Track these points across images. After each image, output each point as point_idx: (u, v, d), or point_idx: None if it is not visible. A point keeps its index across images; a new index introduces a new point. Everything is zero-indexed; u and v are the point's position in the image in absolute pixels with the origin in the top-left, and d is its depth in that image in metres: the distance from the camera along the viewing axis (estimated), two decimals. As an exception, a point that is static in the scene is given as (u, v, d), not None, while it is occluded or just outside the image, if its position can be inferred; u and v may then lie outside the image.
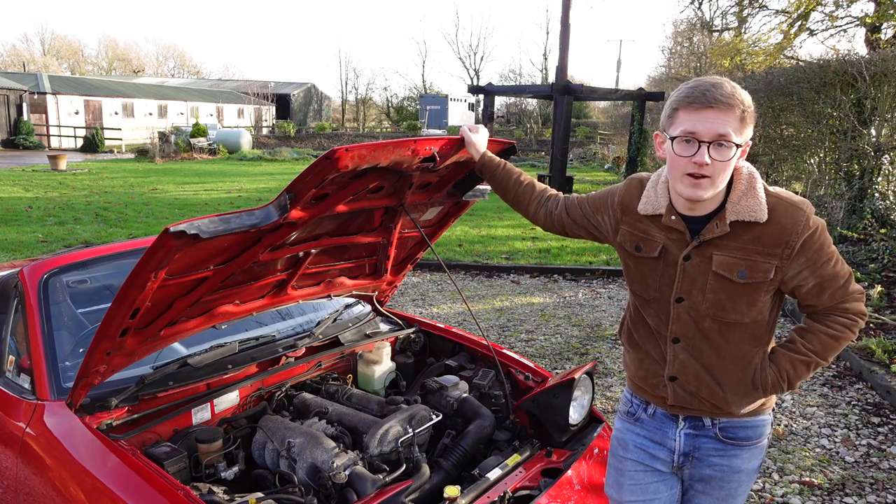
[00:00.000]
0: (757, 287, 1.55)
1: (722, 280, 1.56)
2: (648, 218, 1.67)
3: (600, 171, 21.67)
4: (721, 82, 1.47)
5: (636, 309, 1.76)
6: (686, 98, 1.48)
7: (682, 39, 35.03)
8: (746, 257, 1.54)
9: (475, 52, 65.30)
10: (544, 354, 5.10)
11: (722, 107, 1.44)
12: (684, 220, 1.59)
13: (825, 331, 1.59)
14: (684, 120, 1.48)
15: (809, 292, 1.56)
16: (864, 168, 7.49)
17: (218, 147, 26.04)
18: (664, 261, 1.64)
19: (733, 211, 1.53)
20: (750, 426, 1.69)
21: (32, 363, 2.23)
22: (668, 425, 1.74)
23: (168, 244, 1.61)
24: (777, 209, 1.52)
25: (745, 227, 1.54)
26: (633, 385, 1.81)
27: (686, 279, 1.61)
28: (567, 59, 13.60)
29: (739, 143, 1.47)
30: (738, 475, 1.71)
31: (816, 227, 1.52)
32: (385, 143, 1.81)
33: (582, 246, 8.95)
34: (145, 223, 10.46)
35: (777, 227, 1.52)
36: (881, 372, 4.47)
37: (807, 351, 1.60)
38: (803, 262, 1.53)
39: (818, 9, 15.92)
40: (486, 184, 2.42)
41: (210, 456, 2.06)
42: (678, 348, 1.66)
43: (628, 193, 1.74)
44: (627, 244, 1.72)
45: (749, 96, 1.49)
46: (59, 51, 65.34)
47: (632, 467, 1.79)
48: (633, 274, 1.72)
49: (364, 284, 2.78)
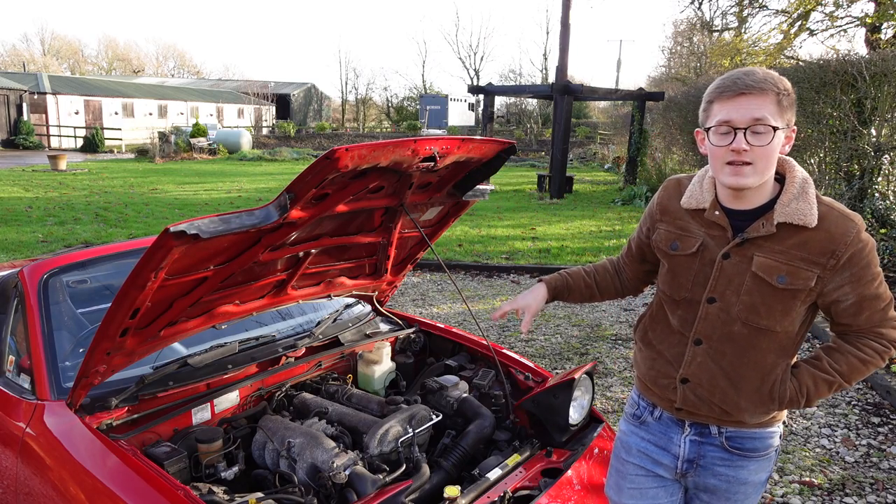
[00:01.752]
0: (795, 294, 1.50)
1: (760, 283, 1.52)
2: (690, 213, 1.64)
3: (600, 171, 21.68)
4: (753, 70, 1.45)
5: (660, 308, 1.73)
6: (718, 89, 1.47)
7: (682, 39, 35.05)
8: (789, 262, 1.49)
9: (475, 52, 65.45)
10: (544, 354, 5.10)
11: (755, 91, 1.42)
12: (728, 217, 1.56)
13: (855, 353, 1.54)
14: (719, 111, 1.46)
15: (847, 310, 1.51)
16: (864, 168, 7.49)
17: (218, 147, 26.04)
18: (700, 259, 1.60)
19: (782, 212, 1.48)
20: (757, 437, 1.65)
21: (32, 363, 2.23)
22: (674, 430, 1.71)
23: (168, 244, 1.61)
24: (828, 217, 1.47)
25: (793, 230, 1.49)
26: (642, 385, 1.79)
27: (722, 279, 1.56)
28: (567, 59, 13.62)
29: (778, 125, 1.42)
30: (744, 487, 1.68)
31: (866, 244, 1.47)
32: (385, 143, 1.80)
33: (582, 246, 8.96)
34: (145, 223, 10.46)
35: (826, 236, 1.47)
36: (881, 372, 4.48)
37: (832, 370, 1.55)
38: (847, 277, 1.48)
39: (818, 9, 15.93)
40: (486, 183, 2.42)
41: (210, 456, 2.06)
42: (699, 350, 1.62)
43: (666, 194, 1.72)
44: (662, 243, 1.69)
45: (786, 81, 1.45)
46: (59, 51, 65.34)
47: (633, 471, 1.77)
48: (665, 275, 1.69)
49: (364, 284, 2.78)
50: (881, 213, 7.22)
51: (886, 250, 6.61)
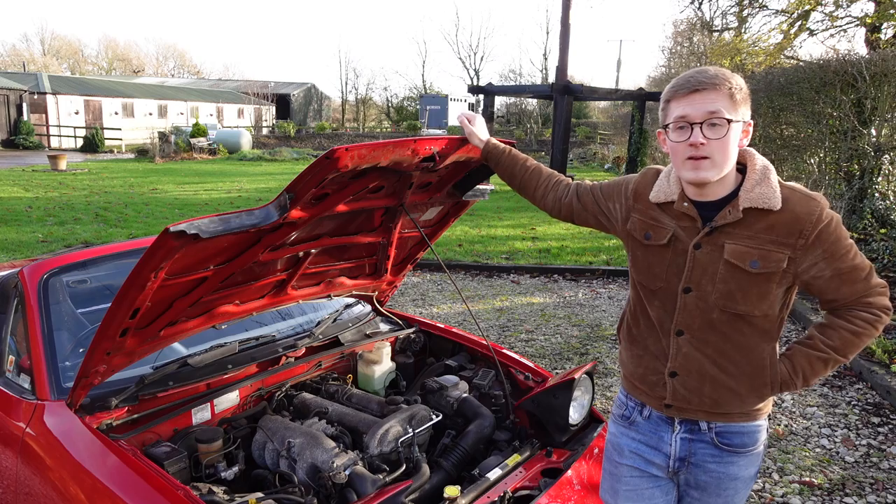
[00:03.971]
0: (769, 277, 1.53)
1: (734, 269, 1.55)
2: (660, 206, 1.67)
3: (600, 171, 21.68)
4: (705, 68, 1.52)
5: (638, 302, 1.75)
6: (674, 88, 1.54)
7: (682, 39, 35.02)
8: (759, 246, 1.53)
9: (475, 52, 65.43)
10: (544, 354, 5.10)
11: (708, 87, 1.48)
12: (696, 208, 1.59)
13: (846, 326, 1.55)
14: (675, 108, 1.53)
15: (828, 285, 1.53)
16: (864, 168, 7.49)
17: (218, 147, 26.04)
18: (673, 249, 1.63)
19: (746, 198, 1.53)
20: (746, 432, 1.66)
21: (32, 363, 2.23)
22: (664, 429, 1.72)
23: (168, 244, 1.61)
24: (791, 199, 1.52)
25: (759, 215, 1.53)
26: (630, 385, 1.79)
27: (696, 269, 1.59)
28: (567, 59, 13.62)
29: (733, 118, 1.48)
30: (734, 482, 1.69)
31: (832, 219, 1.50)
32: (385, 142, 1.80)
33: (582, 246, 8.95)
34: (145, 223, 10.46)
35: (791, 216, 1.51)
36: (881, 372, 4.47)
37: (825, 347, 1.57)
38: (819, 254, 1.51)
39: (818, 9, 15.92)
40: (486, 183, 2.42)
41: (210, 456, 2.06)
42: (682, 341, 1.64)
43: (644, 181, 1.74)
44: (637, 232, 1.71)
45: (739, 77, 1.51)
46: (59, 51, 65.34)
47: (628, 473, 1.77)
48: (640, 264, 1.71)
49: (364, 284, 2.78)
50: (881, 213, 7.22)
51: (886, 250, 6.61)
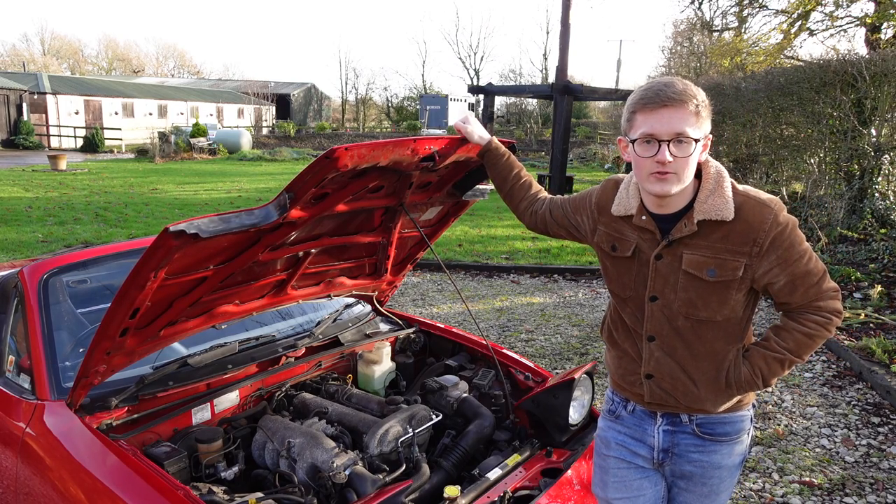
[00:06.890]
0: (727, 285, 1.57)
1: (692, 279, 1.59)
2: (622, 218, 1.71)
3: (600, 171, 21.68)
4: (672, 81, 1.53)
5: (615, 308, 1.80)
6: (641, 100, 1.54)
7: (682, 39, 35.05)
8: (715, 256, 1.57)
9: (475, 52, 65.34)
10: (544, 354, 5.10)
11: (675, 104, 1.49)
12: (655, 220, 1.63)
13: (799, 328, 1.60)
14: (642, 122, 1.53)
15: (782, 290, 1.57)
16: (864, 168, 7.49)
17: (218, 147, 26.03)
18: (638, 260, 1.68)
19: (700, 210, 1.56)
20: (728, 422, 1.70)
21: (32, 363, 2.23)
22: (647, 422, 1.77)
23: (168, 244, 1.61)
24: (744, 207, 1.55)
25: (713, 225, 1.56)
26: (614, 383, 1.85)
27: (658, 278, 1.64)
28: (567, 59, 13.60)
29: (697, 137, 1.51)
30: (718, 471, 1.73)
31: (786, 225, 1.54)
32: (385, 142, 1.80)
33: (582, 246, 8.95)
34: (145, 223, 10.46)
35: (745, 226, 1.54)
36: (881, 372, 4.47)
37: (780, 349, 1.61)
38: (773, 260, 1.54)
39: (818, 9, 15.93)
40: (486, 183, 2.42)
41: (210, 456, 2.06)
42: (653, 346, 1.69)
43: (604, 194, 1.79)
44: (604, 244, 1.76)
45: (702, 92, 1.54)
46: (59, 51, 65.32)
47: (615, 465, 1.82)
48: (611, 273, 1.76)
49: (364, 284, 2.78)
50: (881, 213, 7.22)
51: (886, 250, 6.61)
